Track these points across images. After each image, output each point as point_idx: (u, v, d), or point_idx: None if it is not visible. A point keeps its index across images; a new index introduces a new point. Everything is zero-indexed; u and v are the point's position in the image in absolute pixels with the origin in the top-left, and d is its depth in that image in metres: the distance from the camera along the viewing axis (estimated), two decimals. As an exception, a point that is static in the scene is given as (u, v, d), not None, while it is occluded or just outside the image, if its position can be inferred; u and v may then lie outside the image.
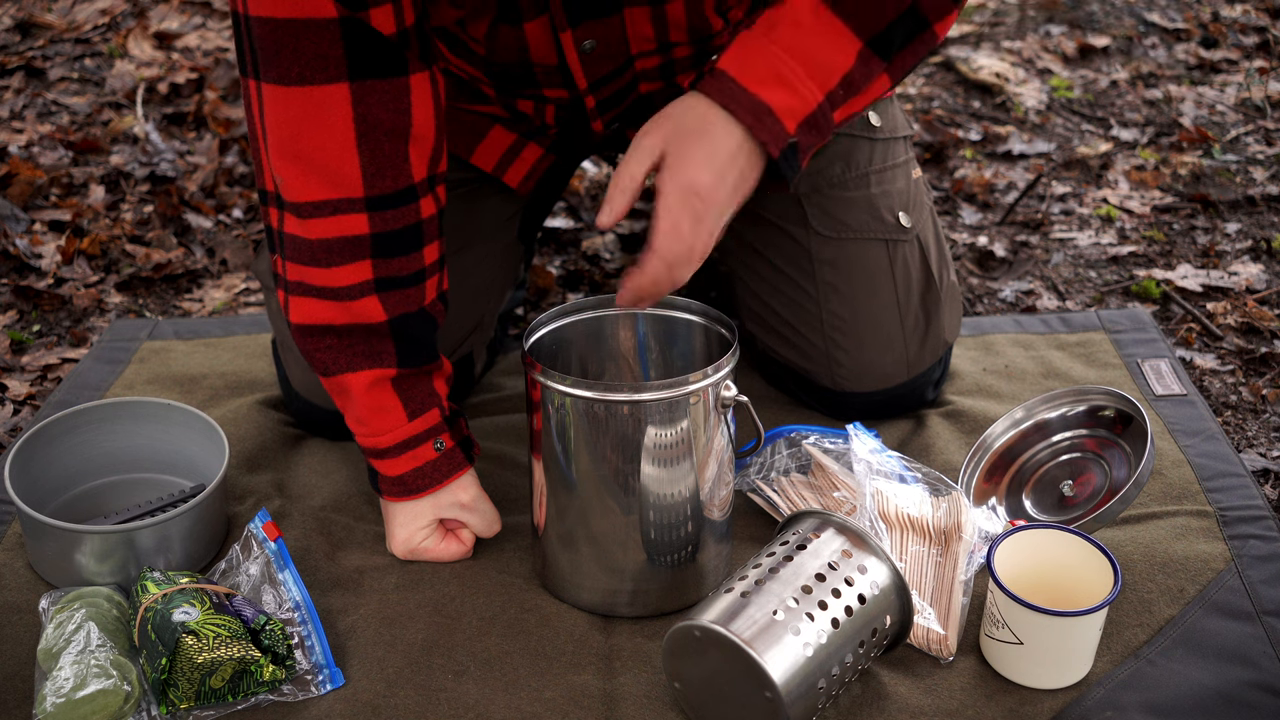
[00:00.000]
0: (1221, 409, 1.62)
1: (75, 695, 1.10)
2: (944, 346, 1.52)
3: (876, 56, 1.18)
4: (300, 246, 1.21)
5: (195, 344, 1.71)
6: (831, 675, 1.08)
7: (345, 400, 1.27)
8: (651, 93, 1.38)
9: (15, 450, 1.32)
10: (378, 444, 1.27)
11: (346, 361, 1.24)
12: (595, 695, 1.16)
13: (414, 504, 1.29)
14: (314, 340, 1.24)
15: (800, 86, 1.15)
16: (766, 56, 1.15)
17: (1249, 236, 2.02)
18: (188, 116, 2.45)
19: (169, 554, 1.27)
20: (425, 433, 1.27)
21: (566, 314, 1.29)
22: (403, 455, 1.27)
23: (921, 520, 1.30)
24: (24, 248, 1.97)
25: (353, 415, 1.28)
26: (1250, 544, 1.32)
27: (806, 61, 1.15)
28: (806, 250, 1.47)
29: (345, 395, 1.26)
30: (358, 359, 1.24)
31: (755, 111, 1.13)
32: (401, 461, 1.27)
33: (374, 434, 1.27)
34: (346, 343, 1.24)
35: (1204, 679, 1.17)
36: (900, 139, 1.52)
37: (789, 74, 1.14)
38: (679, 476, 1.18)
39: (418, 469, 1.28)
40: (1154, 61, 2.65)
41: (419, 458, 1.27)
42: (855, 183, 1.47)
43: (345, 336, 1.24)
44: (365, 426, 1.27)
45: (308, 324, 1.24)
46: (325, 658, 1.19)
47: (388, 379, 1.25)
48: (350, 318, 1.23)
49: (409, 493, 1.28)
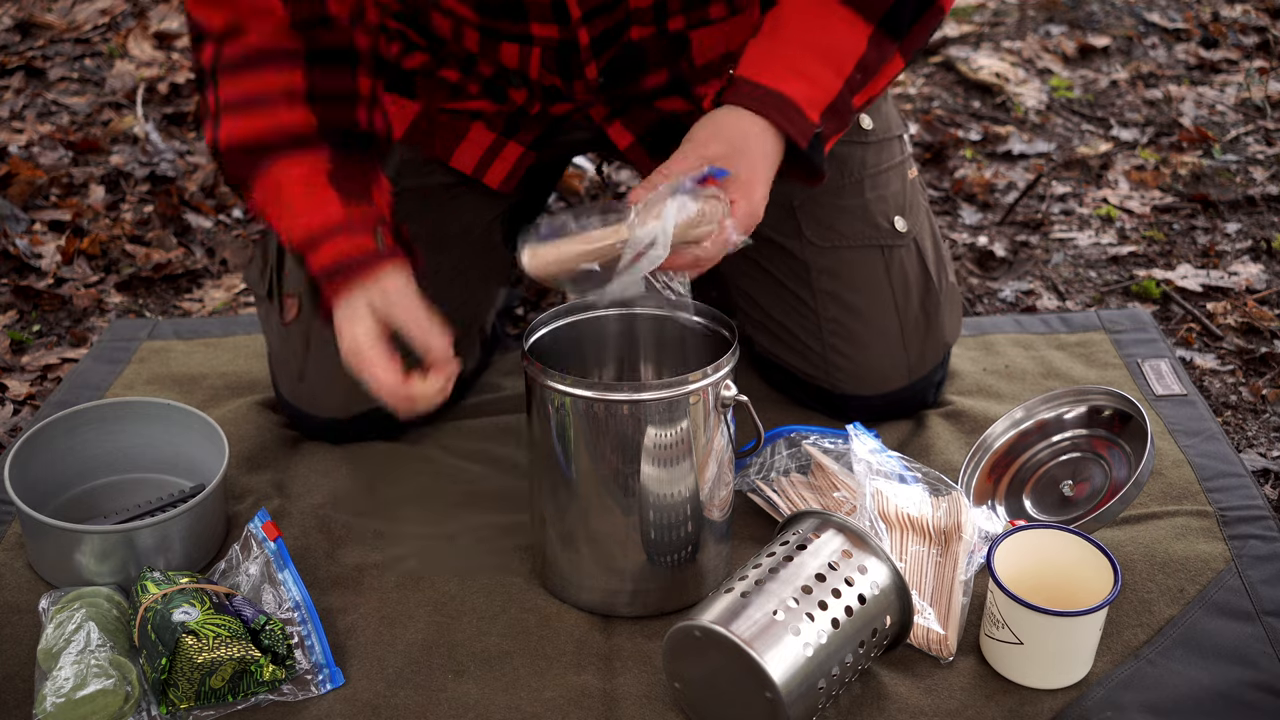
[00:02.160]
0: (1221, 409, 1.62)
1: (75, 695, 1.10)
2: (944, 348, 1.52)
3: (888, 38, 1.21)
4: (233, 60, 1.22)
5: (195, 344, 1.71)
6: (831, 675, 1.08)
7: (278, 200, 1.23)
8: (643, 40, 1.35)
9: (15, 450, 1.32)
10: (309, 226, 1.22)
11: (280, 162, 1.23)
12: (595, 695, 1.16)
13: (348, 298, 1.20)
14: (246, 162, 1.23)
15: (818, 77, 1.18)
16: (780, 55, 1.18)
17: (1249, 236, 2.02)
18: (188, 116, 2.45)
19: (169, 554, 1.27)
20: (362, 220, 1.23)
21: (566, 314, 1.29)
22: (336, 238, 1.21)
23: (921, 520, 1.30)
24: (24, 248, 1.97)
25: (286, 210, 1.23)
26: (1250, 544, 1.32)
27: (820, 53, 1.18)
28: (801, 260, 1.46)
29: (278, 192, 1.23)
30: (290, 156, 1.23)
31: (780, 107, 1.16)
32: (335, 245, 1.21)
33: (306, 214, 1.22)
34: (278, 153, 1.23)
35: (1204, 679, 1.17)
36: (894, 139, 1.50)
37: (805, 67, 1.17)
38: (679, 476, 1.18)
39: (352, 257, 1.21)
40: (1154, 61, 2.65)
41: (354, 246, 1.21)
42: (849, 189, 1.46)
43: (276, 150, 1.23)
44: (297, 216, 1.23)
45: (239, 142, 1.23)
46: (325, 657, 1.19)
47: (323, 172, 1.23)
48: (281, 127, 1.22)
49: (344, 279, 1.20)
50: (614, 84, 1.39)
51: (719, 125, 1.18)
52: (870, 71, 1.22)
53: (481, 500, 1.41)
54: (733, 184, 1.14)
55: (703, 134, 1.17)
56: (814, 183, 1.24)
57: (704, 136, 1.17)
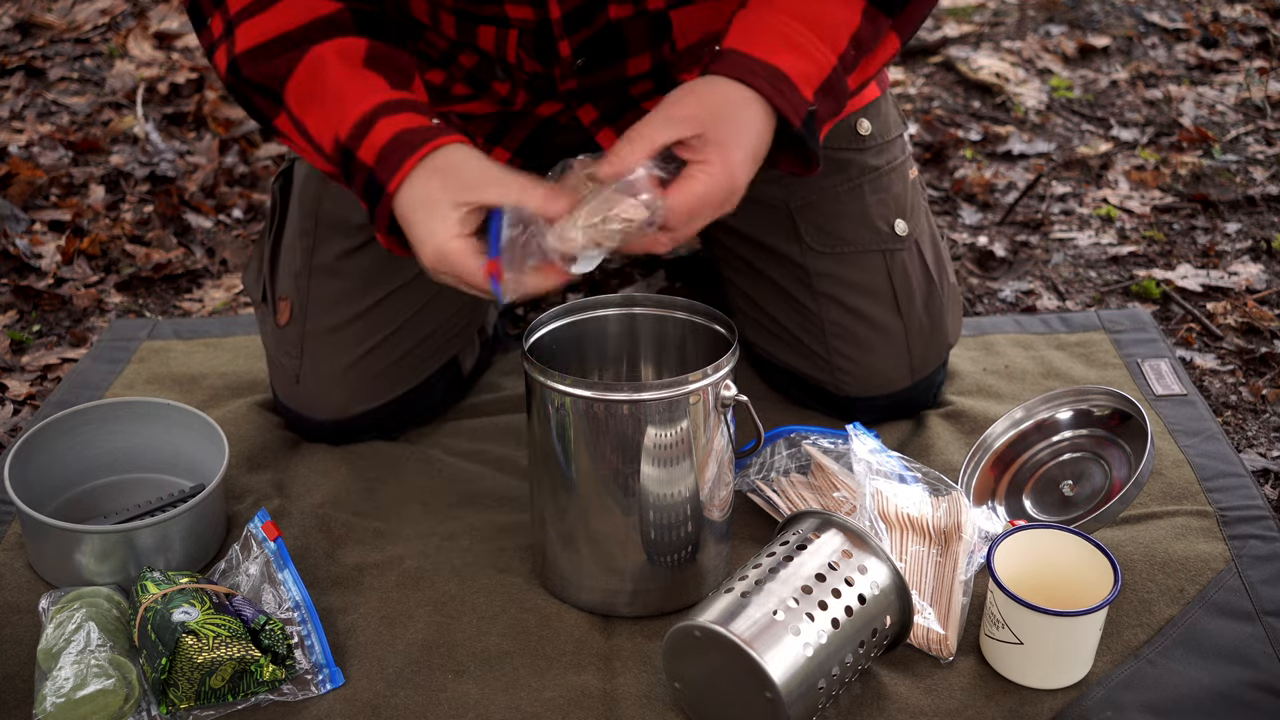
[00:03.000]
0: (1221, 409, 1.62)
1: (75, 695, 1.10)
2: (946, 349, 1.52)
3: (882, 13, 1.15)
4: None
5: (195, 344, 1.71)
6: (831, 675, 1.08)
7: (321, 89, 1.14)
8: (622, 21, 1.29)
9: (15, 450, 1.32)
10: (361, 109, 1.12)
11: (316, 48, 1.14)
12: (595, 695, 1.16)
13: (411, 180, 1.09)
14: (274, 60, 1.15)
15: (812, 50, 1.11)
16: (772, 25, 1.11)
17: (1249, 236, 2.02)
18: (188, 116, 2.45)
19: (169, 554, 1.27)
20: (413, 102, 1.15)
21: (566, 314, 1.29)
22: (395, 115, 1.12)
23: (921, 520, 1.30)
24: (24, 248, 1.97)
25: (331, 99, 1.14)
26: (1250, 544, 1.32)
27: (813, 24, 1.12)
28: (801, 265, 1.45)
29: (320, 78, 1.14)
30: (326, 42, 1.14)
31: (772, 80, 1.09)
32: (393, 122, 1.11)
33: (355, 96, 1.13)
34: (312, 41, 1.15)
35: (1204, 679, 1.17)
36: (894, 140, 1.48)
37: (798, 37, 1.11)
38: (679, 476, 1.18)
39: (413, 129, 1.11)
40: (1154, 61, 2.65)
41: (414, 120, 1.12)
42: (848, 194, 1.44)
43: (309, 39, 1.15)
44: (344, 99, 1.13)
45: (266, 39, 1.15)
46: (325, 657, 1.19)
47: (361, 57, 1.15)
48: (312, 9, 1.15)
49: (408, 154, 1.09)
50: (594, 68, 1.33)
51: (697, 89, 1.10)
52: (865, 49, 1.16)
53: (481, 500, 1.42)
54: (709, 148, 1.07)
55: (675, 94, 1.10)
56: (808, 172, 1.18)
57: (675, 96, 1.09)
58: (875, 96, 1.45)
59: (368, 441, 1.49)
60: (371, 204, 1.13)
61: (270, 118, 1.20)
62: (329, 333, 1.44)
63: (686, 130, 1.08)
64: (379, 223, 1.13)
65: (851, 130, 1.44)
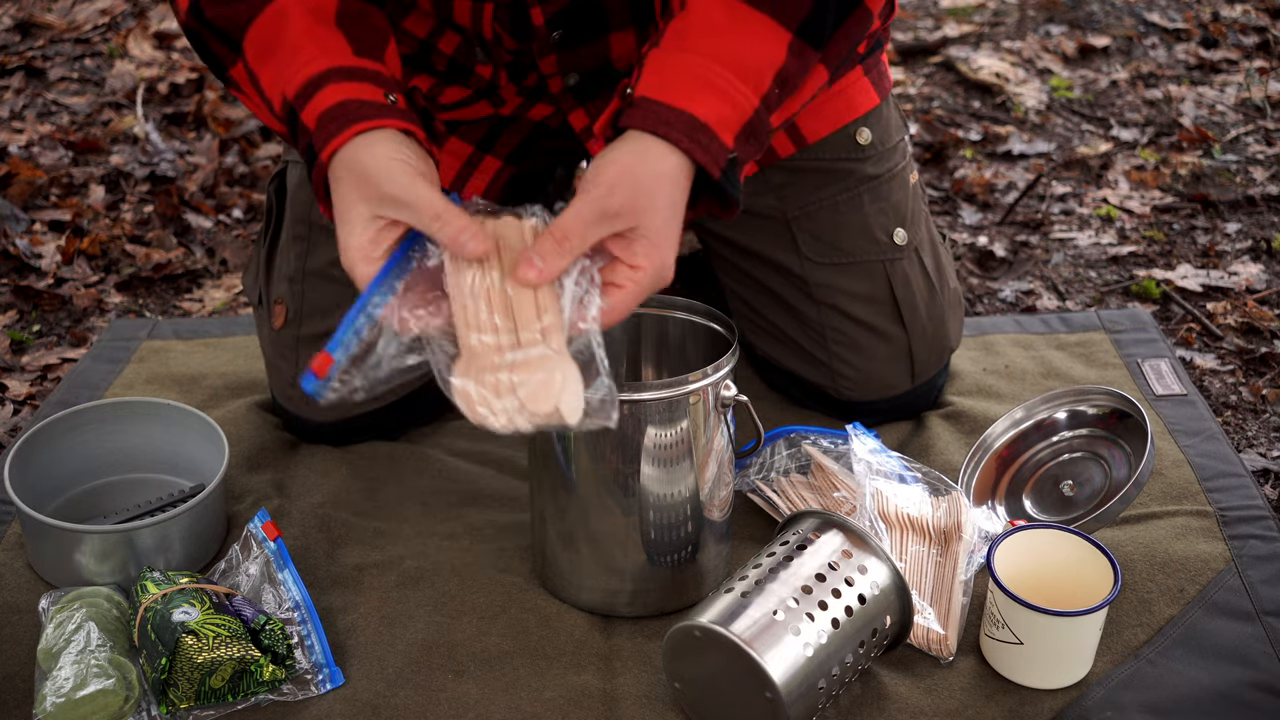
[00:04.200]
0: (1221, 409, 1.62)
1: (75, 695, 1.10)
2: (948, 353, 1.52)
3: (809, 46, 1.06)
4: None
5: (195, 344, 1.71)
6: (831, 675, 1.08)
7: (277, 41, 1.07)
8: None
9: (15, 450, 1.32)
10: (312, 69, 1.04)
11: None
12: (595, 695, 1.16)
13: (341, 167, 1.01)
14: (230, 5, 1.08)
15: (732, 92, 1.03)
16: (687, 68, 1.03)
17: (1249, 236, 2.02)
18: (188, 116, 2.45)
19: (169, 554, 1.27)
20: (372, 72, 1.06)
21: (566, 314, 1.28)
22: (344, 83, 1.04)
23: (921, 520, 1.30)
24: (24, 248, 1.97)
25: (286, 53, 1.07)
26: (1250, 544, 1.32)
27: (733, 64, 1.03)
28: (800, 275, 1.44)
29: (279, 29, 1.07)
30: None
31: (690, 131, 1.00)
32: (341, 89, 1.04)
33: (309, 55, 1.05)
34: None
35: (1204, 679, 1.17)
36: (894, 147, 1.45)
37: (716, 79, 1.02)
38: (679, 476, 1.18)
39: (357, 100, 1.03)
40: (1154, 61, 2.65)
41: (361, 91, 1.04)
42: (847, 204, 1.41)
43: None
44: (297, 55, 1.06)
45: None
46: (325, 657, 1.19)
47: (332, 6, 1.08)
48: None
49: (344, 124, 1.01)
50: (573, 43, 1.26)
51: (623, 169, 1.00)
52: (790, 85, 1.07)
53: (481, 500, 1.41)
54: (640, 247, 0.99)
55: (603, 179, 0.99)
56: (726, 215, 1.08)
57: (605, 183, 0.98)
58: (876, 103, 1.42)
59: (368, 441, 1.49)
60: (309, 169, 1.05)
61: (227, 67, 1.14)
62: (323, 337, 1.43)
63: (620, 225, 0.99)
64: (315, 188, 1.06)
65: (851, 140, 1.41)
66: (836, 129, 1.40)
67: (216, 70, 1.17)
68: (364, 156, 1.00)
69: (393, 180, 0.98)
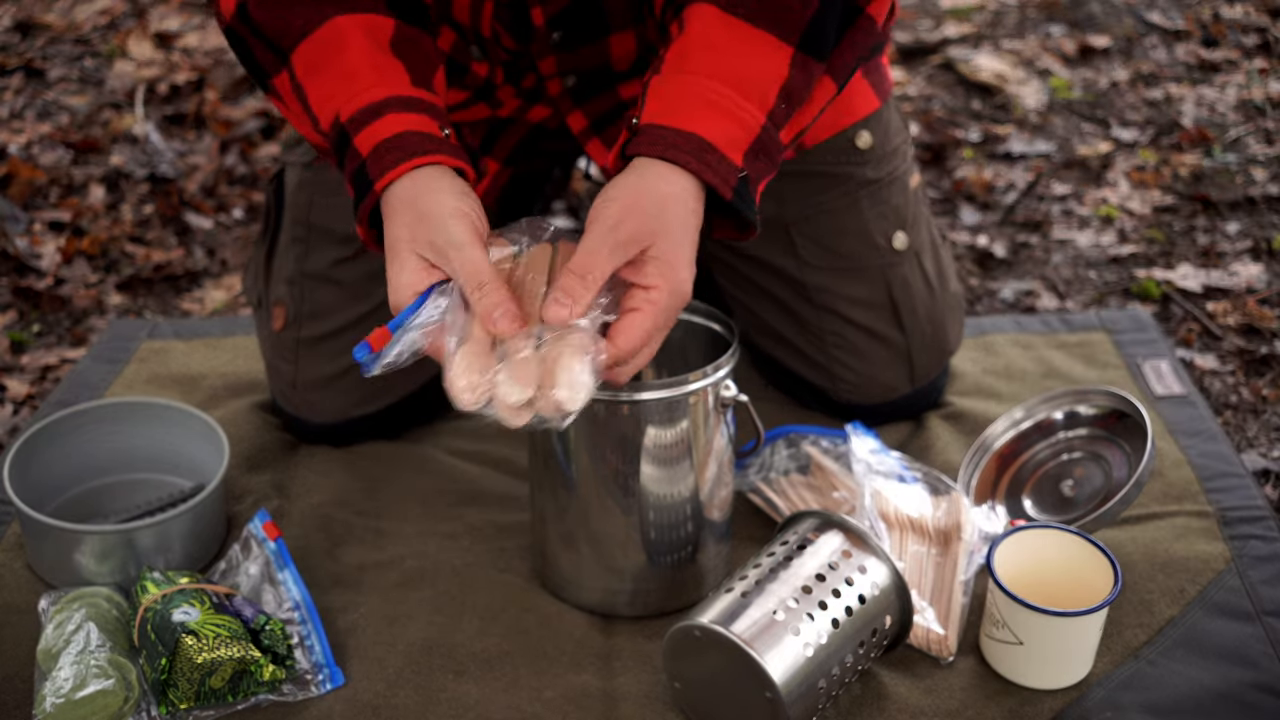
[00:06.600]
0: (1222, 409, 1.62)
1: (75, 695, 1.10)
2: (948, 356, 1.52)
3: (812, 59, 1.06)
4: None
5: (195, 344, 1.71)
6: (831, 675, 1.08)
7: (335, 62, 1.07)
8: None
9: (15, 450, 1.32)
10: (374, 95, 1.05)
11: (339, 18, 1.06)
12: (595, 695, 1.16)
13: (398, 188, 1.02)
14: (289, 13, 1.08)
15: (737, 111, 1.02)
16: (690, 90, 1.02)
17: (1249, 236, 2.02)
18: (188, 117, 2.45)
19: (169, 554, 1.27)
20: (429, 105, 1.07)
21: (566, 314, 1.28)
22: (405, 113, 1.05)
23: (921, 520, 1.30)
24: (24, 248, 1.97)
25: (341, 77, 1.07)
26: (1250, 544, 1.32)
27: (736, 82, 1.02)
28: (799, 280, 1.44)
29: (337, 51, 1.07)
30: (350, 13, 1.06)
31: (697, 153, 1.00)
32: (402, 119, 1.04)
33: (370, 80, 1.06)
34: (335, 6, 1.07)
35: (1204, 679, 1.17)
36: (895, 150, 1.44)
37: (720, 100, 1.01)
38: (679, 476, 1.18)
39: (416, 132, 1.04)
40: (1154, 61, 2.65)
41: (422, 123, 1.05)
42: (845, 209, 1.41)
43: (332, 2, 1.07)
44: (356, 80, 1.06)
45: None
46: (325, 657, 1.19)
47: (388, 31, 1.08)
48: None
49: (402, 157, 1.02)
50: (573, 44, 1.26)
51: (630, 195, 0.99)
52: (796, 100, 1.05)
53: (481, 500, 1.42)
54: (652, 268, 0.99)
55: (613, 210, 0.99)
56: (744, 237, 1.08)
57: (614, 214, 0.98)
58: (877, 107, 1.42)
59: (368, 442, 1.49)
60: (358, 195, 1.07)
61: (269, 74, 1.13)
62: (323, 339, 1.44)
63: (634, 250, 0.99)
64: (360, 214, 1.07)
65: (850, 144, 1.40)
66: (835, 133, 1.40)
67: (258, 77, 1.16)
68: (426, 200, 1.01)
69: (447, 235, 0.99)
